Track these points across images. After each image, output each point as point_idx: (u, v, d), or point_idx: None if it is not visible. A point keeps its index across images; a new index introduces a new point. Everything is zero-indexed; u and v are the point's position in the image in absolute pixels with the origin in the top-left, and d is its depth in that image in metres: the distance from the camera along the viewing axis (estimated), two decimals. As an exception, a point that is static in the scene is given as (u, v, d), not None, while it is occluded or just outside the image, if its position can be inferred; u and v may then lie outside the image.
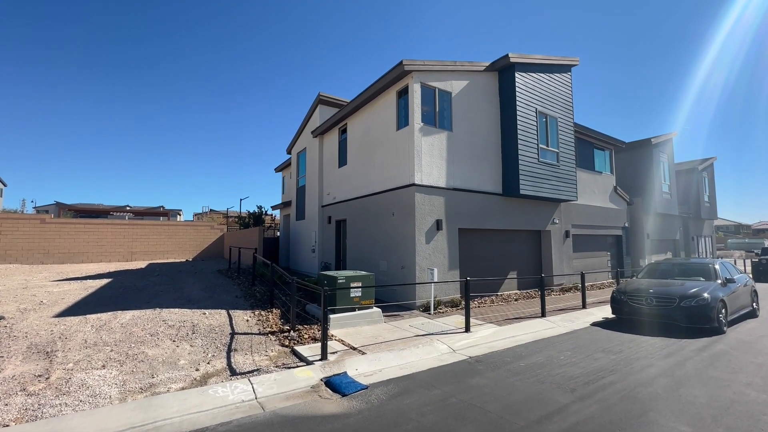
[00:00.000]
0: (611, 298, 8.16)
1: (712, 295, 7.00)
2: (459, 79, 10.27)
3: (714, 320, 6.80)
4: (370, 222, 10.83)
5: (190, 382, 4.46)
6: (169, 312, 6.98)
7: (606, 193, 15.63)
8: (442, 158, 9.69)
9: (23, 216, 20.16)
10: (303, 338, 6.17)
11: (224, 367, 4.93)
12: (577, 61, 12.81)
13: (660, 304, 7.20)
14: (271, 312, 7.59)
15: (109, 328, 5.96)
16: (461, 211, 9.98)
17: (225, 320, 6.87)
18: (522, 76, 11.05)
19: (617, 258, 16.28)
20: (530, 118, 11.14)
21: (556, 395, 4.08)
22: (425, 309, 8.54)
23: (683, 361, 5.25)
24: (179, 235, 23.78)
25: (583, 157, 14.57)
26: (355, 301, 7.35)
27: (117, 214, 34.17)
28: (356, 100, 11.19)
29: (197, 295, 8.71)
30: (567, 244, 13.13)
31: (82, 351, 5.10)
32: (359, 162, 11.68)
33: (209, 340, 5.84)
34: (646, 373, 4.74)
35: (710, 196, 23.25)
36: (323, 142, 14.62)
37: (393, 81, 9.79)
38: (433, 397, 4.06)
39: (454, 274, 9.56)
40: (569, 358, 5.47)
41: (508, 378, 4.64)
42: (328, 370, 4.82)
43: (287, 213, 19.42)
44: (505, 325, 7.37)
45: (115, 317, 6.53)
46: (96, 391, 4.06)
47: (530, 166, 10.97)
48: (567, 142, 12.39)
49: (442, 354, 5.69)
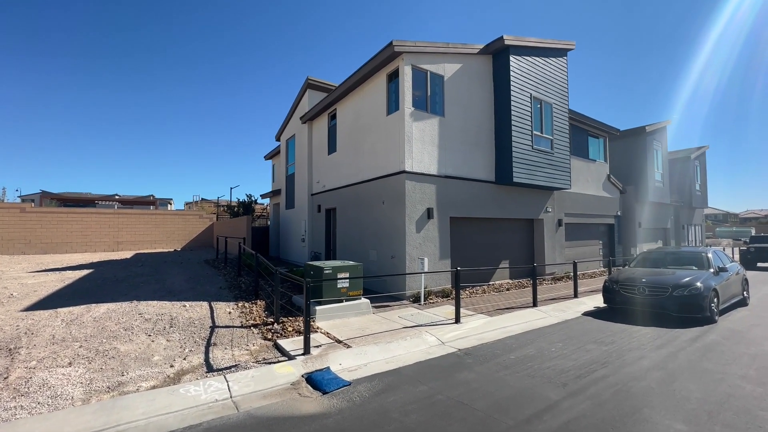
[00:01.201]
0: (603, 288, 8.04)
1: (704, 284, 6.90)
2: (452, 62, 9.87)
3: (706, 310, 6.72)
4: (360, 211, 10.54)
5: (162, 379, 4.20)
6: (146, 305, 6.68)
7: (599, 181, 15.49)
8: (433, 145, 9.37)
9: (2, 205, 19.43)
10: (287, 331, 5.93)
11: (201, 363, 4.68)
12: (573, 45, 12.46)
13: (652, 294, 7.09)
14: (255, 304, 7.33)
15: (80, 323, 5.65)
16: (453, 199, 9.72)
17: (206, 313, 6.60)
18: (517, 60, 10.69)
19: (609, 247, 16.26)
20: (525, 104, 10.83)
21: (547, 391, 3.91)
22: (415, 299, 8.36)
23: (676, 352, 5.12)
24: (167, 225, 23.26)
25: (577, 145, 14.34)
26: (343, 291, 7.12)
27: (104, 203, 33.32)
28: (345, 84, 10.74)
29: (179, 287, 8.40)
30: (560, 233, 13.01)
31: (48, 347, 4.79)
32: (349, 149, 11.31)
33: (187, 334, 5.57)
34: (639, 366, 4.60)
35: (701, 184, 23.32)
36: (312, 128, 14.16)
37: (383, 63, 9.36)
38: (419, 394, 3.86)
39: (446, 263, 9.36)
40: (560, 350, 5.32)
41: (497, 372, 4.46)
42: (310, 365, 4.59)
43: (277, 202, 19.02)
44: (496, 315, 7.22)
45: (89, 311, 6.21)
46: (58, 391, 3.78)
47: (524, 153, 10.71)
48: (561, 128, 12.13)
49: (431, 347, 5.50)
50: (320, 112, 13.12)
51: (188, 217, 24.26)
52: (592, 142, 15.41)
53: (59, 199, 30.36)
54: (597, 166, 15.37)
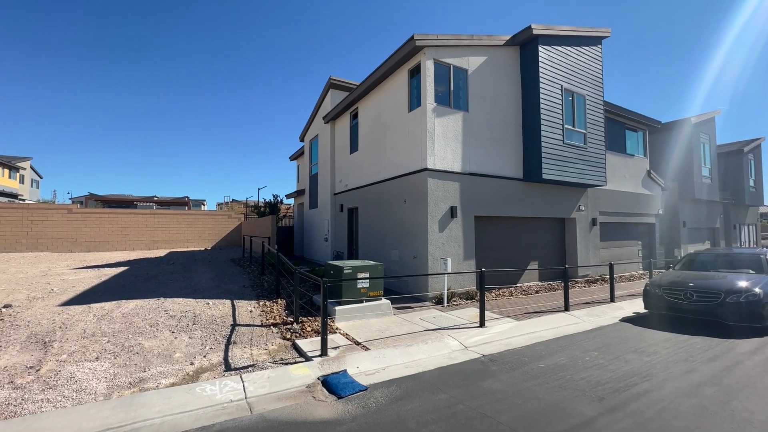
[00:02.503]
0: (644, 292, 7.42)
1: (764, 290, 6.17)
2: (476, 54, 9.49)
3: (766, 318, 6.00)
4: (381, 210, 10.38)
5: (181, 377, 4.22)
6: (172, 302, 6.85)
7: (638, 177, 14.45)
8: (457, 141, 9.04)
9: (52, 206, 21.00)
10: (306, 331, 5.87)
11: (220, 362, 4.69)
12: (609, 32, 11.67)
13: (701, 299, 6.43)
14: (276, 303, 7.34)
15: (110, 318, 5.86)
16: (478, 197, 9.34)
17: (228, 311, 6.67)
18: (546, 50, 10.12)
19: (649, 248, 15.14)
20: (555, 96, 10.24)
21: (581, 405, 3.56)
22: (438, 301, 8.08)
23: (731, 366, 4.57)
24: (198, 224, 24.20)
25: (614, 139, 13.45)
26: (363, 292, 6.98)
27: (143, 204, 35.29)
28: (366, 82, 10.62)
29: (205, 284, 8.60)
30: (594, 233, 12.24)
31: (79, 342, 4.98)
32: (371, 147, 11.18)
33: (209, 332, 5.63)
34: (688, 380, 4.12)
35: (756, 180, 21.27)
36: (335, 128, 14.17)
37: (404, 59, 9.14)
38: (438, 403, 3.64)
39: (470, 264, 9.01)
40: (596, 359, 4.89)
41: (525, 382, 4.14)
42: (327, 367, 4.47)
43: (301, 202, 19.26)
44: (523, 319, 6.82)
45: (119, 306, 6.45)
46: (83, 385, 3.88)
47: (554, 148, 10.13)
48: (596, 121, 11.40)
49: (453, 351, 5.24)
50: (342, 112, 13.09)
51: (218, 217, 25.14)
52: (630, 135, 14.40)
53: (103, 201, 32.46)
54: (635, 162, 14.35)
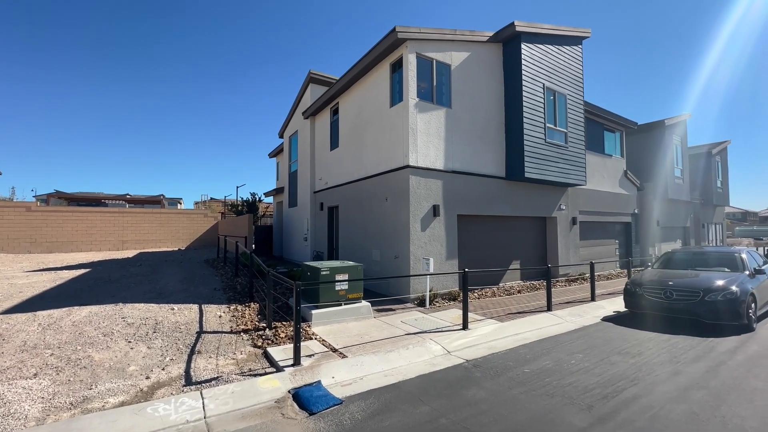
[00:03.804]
0: (625, 291, 7.40)
1: (741, 288, 6.22)
2: (459, 50, 9.29)
3: (743, 316, 6.05)
4: (362, 208, 10.04)
5: (133, 394, 3.76)
6: (132, 307, 6.28)
7: (616, 177, 14.71)
8: (439, 138, 8.81)
9: (8, 204, 19.48)
10: (279, 337, 5.46)
11: (180, 374, 4.24)
12: (589, 32, 11.75)
13: (681, 298, 6.44)
14: (248, 307, 6.88)
15: (57, 327, 5.27)
16: (460, 195, 9.15)
17: (195, 316, 6.17)
18: (529, 48, 10.05)
19: (626, 246, 15.46)
20: (537, 95, 10.18)
21: (570, 415, 3.36)
22: (420, 303, 7.83)
23: (716, 366, 4.50)
24: (172, 224, 23.12)
25: (593, 139, 13.61)
26: (341, 294, 6.63)
27: (113, 202, 33.52)
28: (347, 76, 10.24)
29: (172, 288, 8.02)
30: (574, 232, 12.32)
31: (16, 356, 4.41)
32: (352, 144, 10.81)
33: (171, 341, 5.14)
34: (675, 384, 4.00)
35: (723, 181, 22.20)
36: (315, 123, 13.71)
37: (386, 52, 8.83)
38: (420, 417, 3.35)
39: (453, 264, 8.80)
40: (581, 362, 4.74)
41: (510, 389, 3.91)
42: (299, 378, 4.11)
43: (280, 200, 18.66)
44: (507, 320, 6.65)
45: (69, 314, 5.84)
46: (12, 409, 3.36)
47: (536, 147, 10.07)
48: (576, 121, 11.44)
49: (435, 357, 4.98)
50: (322, 107, 12.66)
51: (194, 216, 24.11)
52: (608, 136, 14.64)
53: (70, 199, 30.54)
54: (613, 162, 14.59)
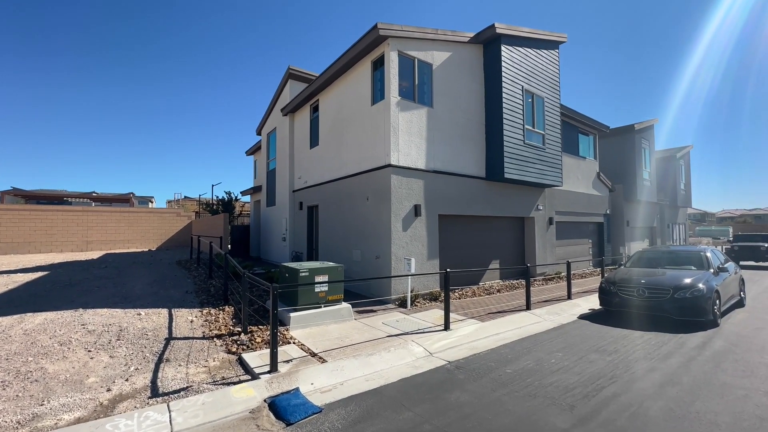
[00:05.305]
0: (600, 289, 7.59)
1: (707, 285, 6.50)
2: (441, 50, 9.28)
3: (709, 313, 6.32)
4: (343, 208, 9.86)
5: (92, 409, 3.45)
6: (94, 313, 5.85)
7: (589, 179, 15.20)
8: (421, 137, 8.76)
9: (-44, 201, 17.91)
10: (255, 342, 5.22)
11: (146, 385, 3.94)
12: (565, 37, 12.05)
13: (652, 296, 6.66)
14: (222, 310, 6.57)
15: (5, 337, 4.81)
16: (442, 195, 9.14)
17: (164, 322, 5.82)
18: (508, 50, 10.18)
19: (599, 246, 16.02)
20: (516, 97, 10.33)
21: (553, 416, 3.34)
22: (402, 303, 7.74)
23: (687, 362, 4.65)
24: (142, 223, 22.00)
25: (568, 142, 13.98)
26: (321, 296, 6.44)
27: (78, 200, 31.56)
28: (328, 72, 10.02)
29: (140, 291, 7.55)
30: (550, 232, 12.61)
31: (-44, 369, 3.97)
32: (332, 142, 10.60)
33: (136, 349, 4.80)
34: (651, 380, 4.08)
35: (686, 183, 23.47)
36: (294, 121, 13.38)
37: (367, 49, 8.69)
38: (402, 424, 3.24)
39: (434, 264, 8.78)
40: (561, 360, 4.78)
41: (493, 391, 3.87)
42: (276, 386, 3.91)
43: (258, 199, 18.13)
44: (488, 320, 6.66)
45: (21, 321, 5.36)
46: (-53, 430, 3.00)
47: (516, 148, 10.21)
48: (553, 124, 11.71)
49: (417, 359, 4.89)
50: (302, 104, 12.36)
51: (166, 216, 23.04)
52: (582, 139, 15.10)
53: (29, 197, 28.53)
54: (587, 164, 15.07)
